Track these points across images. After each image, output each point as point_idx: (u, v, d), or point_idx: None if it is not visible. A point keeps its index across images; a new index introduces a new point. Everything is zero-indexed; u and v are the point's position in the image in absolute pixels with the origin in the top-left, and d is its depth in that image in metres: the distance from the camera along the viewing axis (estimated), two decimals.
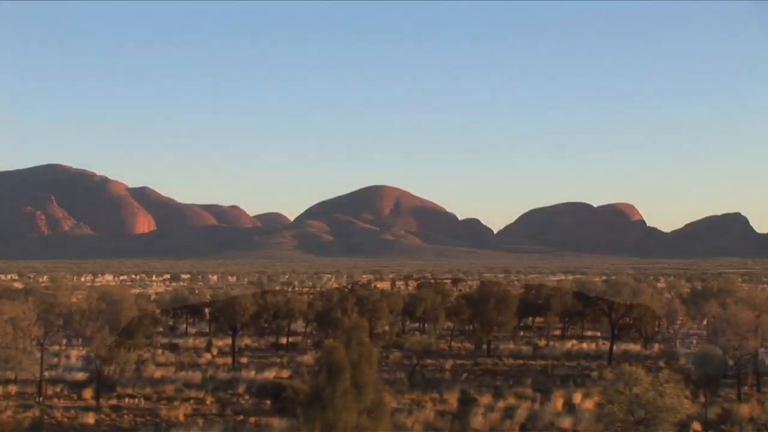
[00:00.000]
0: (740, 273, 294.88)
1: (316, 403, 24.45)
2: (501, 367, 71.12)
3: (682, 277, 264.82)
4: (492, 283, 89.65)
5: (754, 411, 45.18)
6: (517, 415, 47.24)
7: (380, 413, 25.54)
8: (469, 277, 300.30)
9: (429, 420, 45.68)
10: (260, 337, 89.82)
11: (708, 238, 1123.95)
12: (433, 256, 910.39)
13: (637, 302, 74.87)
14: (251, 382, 59.58)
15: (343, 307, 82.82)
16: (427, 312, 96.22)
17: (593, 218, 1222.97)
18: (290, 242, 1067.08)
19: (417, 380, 61.46)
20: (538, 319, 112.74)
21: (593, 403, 50.27)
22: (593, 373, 66.13)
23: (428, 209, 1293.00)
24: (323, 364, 24.83)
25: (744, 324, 51.29)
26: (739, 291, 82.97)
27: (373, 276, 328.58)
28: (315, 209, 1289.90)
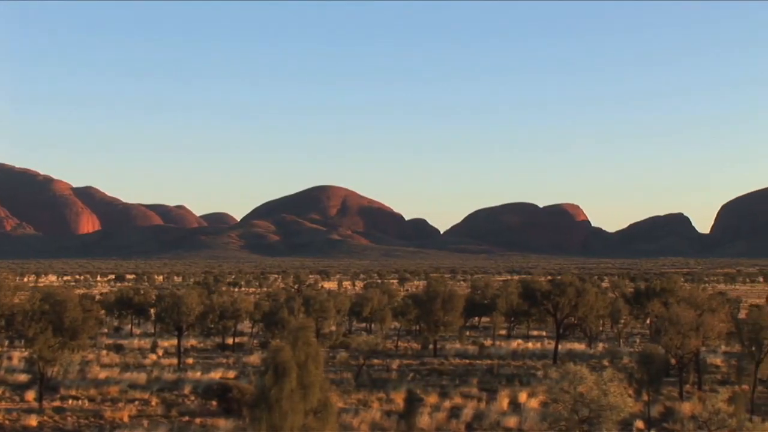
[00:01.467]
0: (682, 273, 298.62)
1: (263, 404, 24.36)
2: (447, 366, 71.33)
3: (625, 276, 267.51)
4: (438, 283, 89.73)
5: (695, 409, 45.73)
6: (463, 414, 47.42)
7: (327, 413, 25.52)
8: (416, 277, 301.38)
9: (375, 420, 45.71)
10: (206, 338, 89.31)
11: (651, 238, 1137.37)
12: (380, 255, 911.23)
13: (581, 302, 75.51)
14: (197, 382, 59.17)
15: (290, 307, 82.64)
16: (374, 312, 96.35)
17: (539, 218, 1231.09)
18: (237, 242, 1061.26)
19: (363, 380, 61.46)
20: (485, 319, 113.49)
21: (538, 402, 50.69)
22: (538, 372, 66.66)
23: (375, 209, 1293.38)
24: (269, 365, 24.73)
25: (686, 323, 51.89)
26: (681, 291, 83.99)
27: (319, 276, 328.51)
28: (261, 209, 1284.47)
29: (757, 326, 50.58)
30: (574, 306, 75.45)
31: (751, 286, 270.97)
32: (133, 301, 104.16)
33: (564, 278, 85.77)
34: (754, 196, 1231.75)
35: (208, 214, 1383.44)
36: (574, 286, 76.79)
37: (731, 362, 67.66)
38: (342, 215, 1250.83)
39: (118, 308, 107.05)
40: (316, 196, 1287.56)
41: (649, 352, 51.31)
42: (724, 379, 63.64)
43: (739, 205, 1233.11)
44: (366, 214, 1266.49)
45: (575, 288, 76.12)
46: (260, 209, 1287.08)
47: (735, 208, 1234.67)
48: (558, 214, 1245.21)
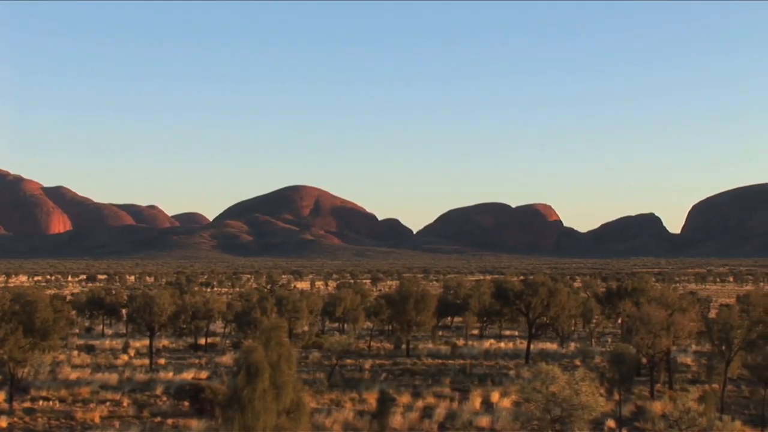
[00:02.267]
0: (654, 272, 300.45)
1: (235, 404, 24.29)
2: (420, 366, 71.38)
3: (597, 276, 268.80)
4: (411, 283, 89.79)
5: (666, 408, 46.01)
6: (436, 414, 47.48)
7: (299, 414, 25.48)
8: (389, 277, 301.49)
9: (348, 420, 45.69)
10: (178, 338, 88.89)
11: (623, 238, 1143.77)
12: (353, 255, 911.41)
13: (553, 302, 75.77)
14: (169, 383, 58.92)
15: (263, 307, 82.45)
16: (347, 312, 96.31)
17: (511, 218, 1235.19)
18: (209, 242, 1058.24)
19: (336, 380, 61.43)
20: (457, 319, 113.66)
21: (511, 401, 50.84)
22: (511, 372, 66.88)
23: (348, 209, 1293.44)
24: (242, 365, 24.67)
25: (657, 323, 52.20)
26: (652, 290, 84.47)
27: (292, 276, 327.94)
28: (234, 209, 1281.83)
29: (727, 326, 50.96)
30: (546, 306, 75.69)
31: (722, 285, 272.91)
32: (105, 302, 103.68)
33: (536, 278, 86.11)
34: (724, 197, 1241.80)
35: (181, 214, 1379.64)
36: (546, 286, 77.03)
37: (702, 361, 68.08)
38: (315, 215, 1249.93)
39: (89, 309, 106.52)
40: (289, 196, 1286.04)
41: (620, 351, 51.54)
42: (695, 378, 64.05)
43: (709, 206, 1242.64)
44: (339, 214, 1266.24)
45: (547, 288, 76.36)
46: (233, 209, 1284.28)
47: (705, 208, 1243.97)
48: (530, 214, 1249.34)
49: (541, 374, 35.13)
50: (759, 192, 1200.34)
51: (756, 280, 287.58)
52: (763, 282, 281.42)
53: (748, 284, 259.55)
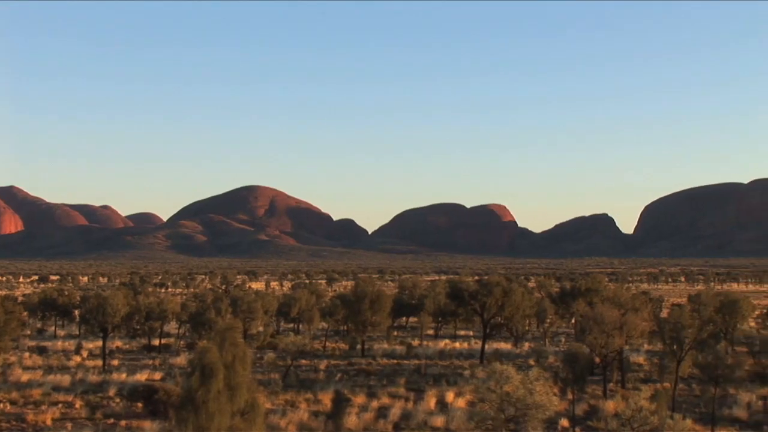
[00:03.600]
0: (607, 272, 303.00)
1: (189, 405, 24.16)
2: (375, 366, 71.43)
3: (551, 276, 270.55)
4: (366, 284, 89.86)
5: (618, 407, 46.31)
6: (391, 414, 47.55)
7: (254, 414, 25.40)
8: (344, 278, 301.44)
9: (303, 420, 45.62)
10: (132, 339, 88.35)
11: (577, 238, 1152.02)
12: (308, 256, 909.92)
13: (508, 302, 76.15)
14: (122, 384, 58.51)
15: (217, 308, 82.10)
16: (302, 312, 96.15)
17: (466, 219, 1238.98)
18: (163, 242, 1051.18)
19: (291, 381, 61.31)
20: (412, 319, 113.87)
21: (465, 401, 51.02)
22: (466, 371, 67.10)
23: (303, 209, 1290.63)
24: (196, 366, 24.54)
25: (610, 322, 52.64)
26: (605, 290, 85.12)
27: (247, 276, 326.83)
28: (188, 209, 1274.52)
29: (678, 325, 51.52)
30: (500, 306, 76.09)
31: (673, 285, 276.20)
32: (57, 303, 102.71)
33: (491, 278, 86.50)
34: (676, 198, 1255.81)
35: (134, 214, 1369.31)
36: (500, 286, 77.42)
37: (653, 360, 68.83)
38: (270, 215, 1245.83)
39: (41, 310, 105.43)
40: (244, 197, 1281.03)
41: (574, 351, 52.00)
42: (647, 377, 64.72)
43: (661, 207, 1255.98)
44: (294, 215, 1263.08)
45: (502, 288, 76.75)
46: (187, 209, 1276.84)
47: (657, 209, 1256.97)
48: (485, 214, 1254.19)
49: (495, 374, 35.31)
50: (710, 193, 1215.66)
51: (707, 280, 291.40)
52: (714, 282, 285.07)
53: (699, 284, 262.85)
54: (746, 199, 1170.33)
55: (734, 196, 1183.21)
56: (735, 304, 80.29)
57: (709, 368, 46.98)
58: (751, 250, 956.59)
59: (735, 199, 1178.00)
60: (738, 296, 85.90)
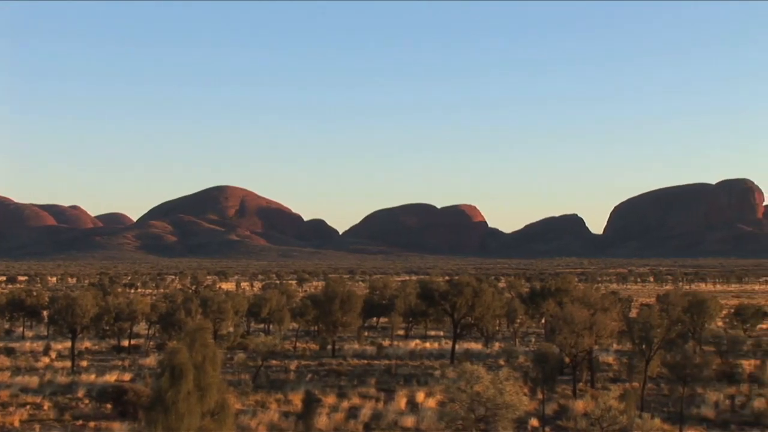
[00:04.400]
0: (577, 273, 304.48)
1: (159, 406, 24.09)
2: (345, 367, 71.43)
3: (521, 276, 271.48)
4: (337, 284, 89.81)
5: (588, 406, 46.62)
6: (361, 414, 47.57)
7: (224, 415, 25.36)
8: (315, 278, 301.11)
9: (273, 421, 45.57)
10: (101, 340, 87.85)
11: (546, 238, 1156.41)
12: (279, 256, 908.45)
13: (478, 302, 76.31)
14: (91, 385, 58.19)
15: (187, 308, 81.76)
16: (272, 313, 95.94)
17: (437, 219, 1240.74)
18: (133, 243, 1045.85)
19: (261, 381, 61.20)
20: (383, 319, 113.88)
21: (436, 401, 51.12)
22: (436, 372, 67.18)
23: (274, 209, 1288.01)
24: (166, 367, 24.46)
25: (579, 322, 52.88)
26: (575, 290, 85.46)
27: (217, 277, 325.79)
28: (158, 209, 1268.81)
29: (647, 325, 51.88)
30: (471, 306, 76.23)
31: (642, 285, 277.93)
32: (25, 303, 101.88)
33: (461, 279, 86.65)
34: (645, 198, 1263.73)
35: (104, 214, 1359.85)
36: (471, 286, 77.56)
37: (622, 360, 69.23)
38: (240, 216, 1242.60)
39: (9, 310, 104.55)
40: (214, 197, 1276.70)
41: (543, 351, 52.23)
42: (616, 376, 65.08)
43: (630, 207, 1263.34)
44: (264, 215, 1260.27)
45: (472, 288, 76.89)
46: (157, 210, 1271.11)
47: (626, 209, 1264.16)
48: (455, 214, 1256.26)
49: (465, 374, 35.42)
50: (678, 193, 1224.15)
51: (675, 280, 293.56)
52: (682, 282, 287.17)
53: (668, 284, 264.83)
54: (714, 200, 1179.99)
55: (702, 197, 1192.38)
56: (703, 304, 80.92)
57: (677, 368, 47.33)
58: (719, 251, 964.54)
59: (703, 199, 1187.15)
60: (706, 296, 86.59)
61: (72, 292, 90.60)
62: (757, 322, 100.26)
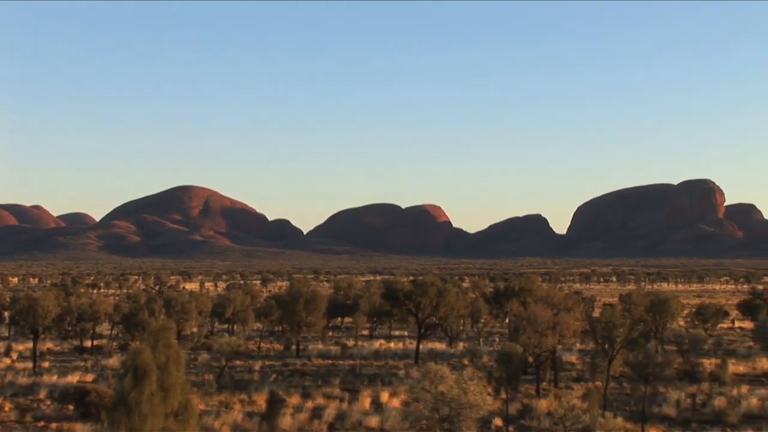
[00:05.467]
0: (540, 272, 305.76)
1: (121, 407, 23.94)
2: (310, 367, 71.37)
3: (485, 276, 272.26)
4: (301, 284, 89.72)
5: (551, 405, 46.81)
6: (326, 414, 47.52)
7: (187, 416, 25.26)
8: (279, 278, 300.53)
9: (237, 421, 45.44)
10: (63, 341, 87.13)
11: (511, 238, 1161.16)
12: (243, 256, 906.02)
13: (442, 302, 76.45)
14: (53, 386, 57.73)
15: (151, 308, 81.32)
16: (237, 313, 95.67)
17: (401, 219, 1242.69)
18: (96, 243, 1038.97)
19: (225, 382, 61.00)
20: (347, 320, 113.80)
21: (400, 401, 51.17)
22: (400, 372, 67.25)
23: (238, 209, 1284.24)
24: (129, 367, 24.32)
25: (543, 322, 53.10)
26: (538, 290, 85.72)
27: (181, 277, 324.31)
28: (121, 209, 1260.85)
29: (610, 324, 52.22)
30: (435, 306, 76.34)
31: (605, 285, 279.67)
32: None
33: (425, 279, 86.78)
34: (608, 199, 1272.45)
35: (66, 214, 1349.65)
36: (435, 286, 77.69)
37: (585, 360, 69.54)
38: (204, 216, 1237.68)
39: None
40: (178, 197, 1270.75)
41: (507, 350, 52.37)
42: (579, 376, 65.40)
43: (593, 207, 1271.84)
44: (229, 215, 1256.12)
45: (436, 288, 77.02)
46: (120, 209, 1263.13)
47: (590, 209, 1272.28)
48: (420, 214, 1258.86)
49: (429, 374, 35.49)
50: (641, 194, 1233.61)
51: (638, 280, 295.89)
52: (645, 282, 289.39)
53: (630, 284, 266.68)
54: (676, 200, 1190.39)
55: (665, 197, 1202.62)
56: (665, 303, 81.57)
57: (639, 367, 47.66)
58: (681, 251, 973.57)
59: (666, 200, 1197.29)
60: (668, 296, 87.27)
61: (34, 293, 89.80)
62: (717, 321, 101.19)
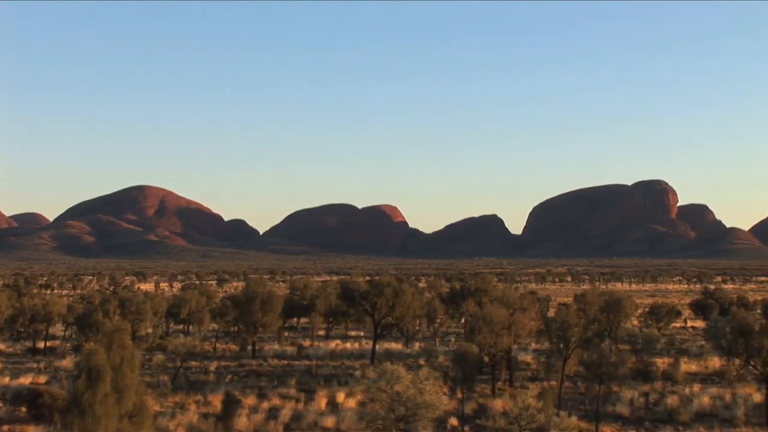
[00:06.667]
0: (496, 273, 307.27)
1: (75, 409, 23.78)
2: (266, 367, 71.17)
3: (442, 276, 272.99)
4: (257, 284, 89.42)
5: (506, 405, 47.08)
6: (282, 415, 47.45)
7: (142, 417, 25.14)
8: (235, 278, 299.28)
9: (192, 423, 45.24)
10: (16, 342, 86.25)
11: (467, 238, 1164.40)
12: (198, 256, 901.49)
13: (399, 302, 76.56)
14: (5, 388, 57.13)
15: (105, 309, 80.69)
16: (192, 314, 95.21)
17: (358, 219, 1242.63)
18: (49, 243, 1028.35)
19: (180, 383, 60.70)
20: (303, 320, 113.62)
21: (356, 401, 51.20)
22: (356, 372, 67.26)
23: (193, 210, 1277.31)
24: (83, 369, 24.16)
25: (499, 322, 53.41)
26: (494, 290, 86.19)
27: (136, 277, 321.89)
28: (76, 209, 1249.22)
29: (564, 324, 52.65)
30: (391, 306, 76.45)
31: (560, 285, 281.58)
32: None
33: (382, 279, 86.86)
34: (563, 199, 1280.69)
35: (19, 214, 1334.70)
36: (391, 286, 77.79)
37: (541, 359, 70.03)
38: (159, 216, 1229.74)
39: None
40: (133, 197, 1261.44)
41: (463, 350, 52.57)
42: (534, 375, 65.78)
43: (548, 208, 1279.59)
44: (184, 215, 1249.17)
45: (393, 288, 77.12)
46: (74, 210, 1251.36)
47: (545, 210, 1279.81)
48: (376, 215, 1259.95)
49: (386, 374, 35.57)
50: (595, 194, 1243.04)
51: (592, 280, 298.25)
52: (599, 281, 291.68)
53: (585, 284, 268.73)
54: (630, 201, 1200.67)
55: (619, 198, 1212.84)
56: (619, 303, 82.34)
57: (593, 366, 48.05)
58: (635, 251, 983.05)
59: (620, 200, 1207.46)
60: (621, 296, 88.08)
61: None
62: (670, 320, 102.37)
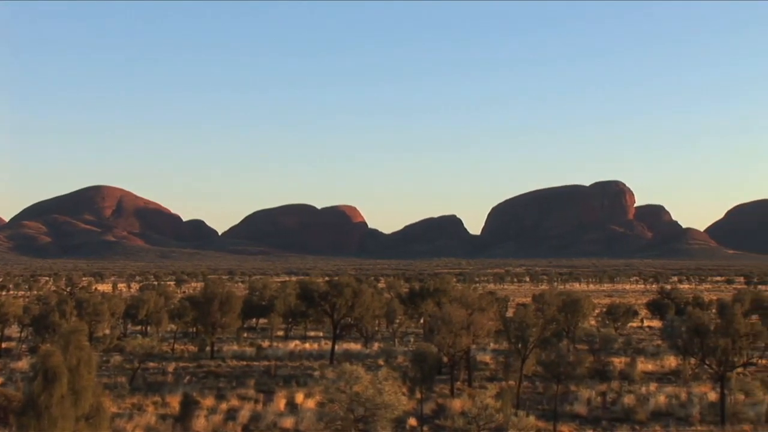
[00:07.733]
0: (455, 273, 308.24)
1: (31, 411, 23.57)
2: (224, 368, 70.90)
3: (401, 277, 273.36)
4: (216, 285, 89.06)
5: (465, 405, 47.23)
6: (240, 416, 47.30)
7: (99, 419, 24.95)
8: (193, 279, 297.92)
9: (150, 424, 44.97)
10: None
11: (426, 239, 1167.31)
12: (157, 257, 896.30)
13: (358, 302, 76.60)
14: None
15: (62, 310, 79.99)
16: (150, 314, 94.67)
17: (317, 219, 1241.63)
18: (5, 244, 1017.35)
19: (138, 384, 60.34)
20: (262, 320, 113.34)
21: (315, 402, 51.16)
22: (316, 372, 67.20)
23: (151, 210, 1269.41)
24: (39, 370, 23.95)
25: (458, 322, 53.55)
26: (453, 291, 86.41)
27: (93, 278, 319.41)
28: (32, 209, 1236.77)
29: (523, 324, 52.92)
30: (350, 306, 76.47)
31: (519, 285, 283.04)
32: None
33: (341, 279, 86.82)
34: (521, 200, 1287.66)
35: None
36: (350, 286, 77.79)
37: (499, 359, 70.33)
38: (117, 216, 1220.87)
39: None
40: (90, 197, 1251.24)
41: (422, 350, 52.72)
42: (493, 375, 66.03)
43: (507, 208, 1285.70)
44: (142, 215, 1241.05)
45: (352, 289, 77.13)
46: (30, 210, 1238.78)
47: (504, 210, 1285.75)
48: (335, 215, 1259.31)
49: (345, 374, 35.58)
50: (553, 195, 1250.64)
51: (550, 280, 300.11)
52: (557, 282, 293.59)
53: (543, 284, 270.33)
54: (588, 201, 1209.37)
55: (577, 198, 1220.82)
56: (576, 303, 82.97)
57: (551, 366, 48.36)
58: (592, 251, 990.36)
59: (577, 201, 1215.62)
60: (579, 296, 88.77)
61: None
62: (627, 320, 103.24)
